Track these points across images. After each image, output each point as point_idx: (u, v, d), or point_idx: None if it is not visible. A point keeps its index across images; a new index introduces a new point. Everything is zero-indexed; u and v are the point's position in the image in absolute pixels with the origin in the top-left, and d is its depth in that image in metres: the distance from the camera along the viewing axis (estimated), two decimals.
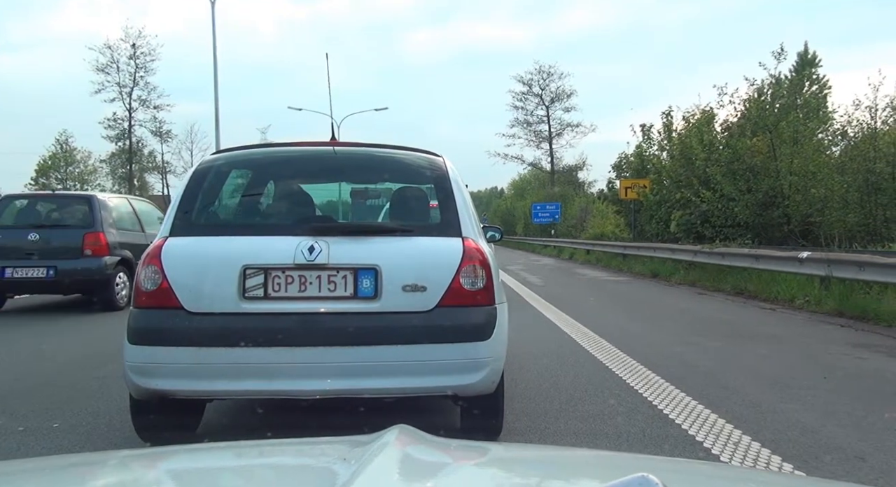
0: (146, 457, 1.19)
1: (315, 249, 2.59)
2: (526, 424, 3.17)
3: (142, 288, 2.60)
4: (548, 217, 33.22)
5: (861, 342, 5.79)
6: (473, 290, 2.64)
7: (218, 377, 2.53)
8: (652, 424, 3.21)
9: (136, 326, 2.58)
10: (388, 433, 0.97)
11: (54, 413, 3.36)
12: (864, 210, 10.45)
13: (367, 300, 2.58)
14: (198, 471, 1.05)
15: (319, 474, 0.95)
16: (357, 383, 2.55)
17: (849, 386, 4.13)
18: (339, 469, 0.85)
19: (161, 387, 2.53)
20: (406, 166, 3.19)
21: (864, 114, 11.49)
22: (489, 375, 2.64)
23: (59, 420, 3.24)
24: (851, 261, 7.60)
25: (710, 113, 16.06)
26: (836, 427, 3.20)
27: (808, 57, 33.74)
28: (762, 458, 2.72)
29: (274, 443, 1.23)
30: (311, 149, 3.17)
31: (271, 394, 2.61)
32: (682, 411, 3.39)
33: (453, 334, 2.59)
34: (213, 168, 3.01)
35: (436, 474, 0.93)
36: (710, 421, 3.21)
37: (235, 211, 3.24)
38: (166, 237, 2.70)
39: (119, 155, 40.37)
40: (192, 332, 2.53)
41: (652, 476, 0.65)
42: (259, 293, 2.56)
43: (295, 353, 2.52)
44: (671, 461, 1.71)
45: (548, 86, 42.98)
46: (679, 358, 4.90)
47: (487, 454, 1.14)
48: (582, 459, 1.23)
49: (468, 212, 2.88)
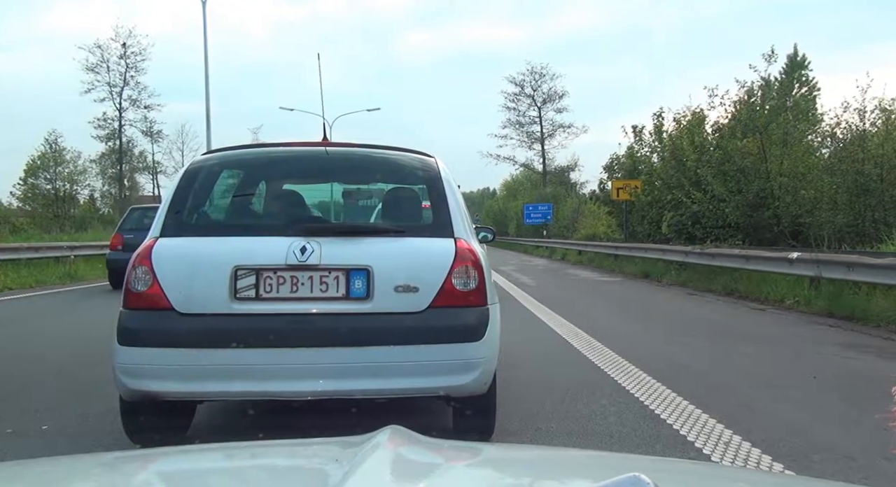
0: (137, 459, 1.19)
1: (307, 250, 2.58)
2: (518, 425, 3.17)
3: (132, 289, 2.58)
4: (540, 218, 33.26)
5: (850, 342, 5.83)
6: (465, 291, 2.64)
7: (209, 378, 2.51)
8: (643, 424, 3.22)
9: (127, 327, 2.55)
10: (380, 433, 0.97)
11: (43, 416, 3.33)
12: (854, 211, 10.53)
13: (359, 301, 2.58)
14: (189, 473, 1.05)
15: (311, 475, 0.95)
16: (349, 384, 2.54)
17: (838, 386, 4.16)
18: (331, 470, 0.85)
19: (151, 389, 2.51)
20: (398, 167, 3.19)
21: (853, 117, 11.59)
22: (481, 376, 2.64)
23: (48, 423, 3.22)
24: (840, 262, 7.65)
25: (700, 114, 16.17)
26: (825, 426, 3.22)
27: (797, 59, 33.97)
28: (753, 457, 2.73)
29: (265, 444, 1.23)
30: (303, 150, 3.16)
31: (263, 396, 2.60)
32: (673, 411, 3.40)
33: (445, 335, 2.58)
34: (204, 168, 3.00)
35: (428, 475, 0.93)
36: (700, 421, 3.22)
37: (227, 211, 3.22)
38: (157, 237, 2.68)
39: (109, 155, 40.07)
40: (182, 333, 2.51)
41: (643, 476, 0.65)
42: (251, 294, 2.55)
43: (286, 354, 2.51)
44: (662, 460, 1.72)
45: (540, 87, 42.98)
46: (670, 359, 4.92)
47: (479, 454, 1.14)
48: (574, 459, 1.23)
49: (460, 212, 2.88)
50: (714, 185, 13.18)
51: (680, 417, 3.30)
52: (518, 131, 43.74)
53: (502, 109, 43.99)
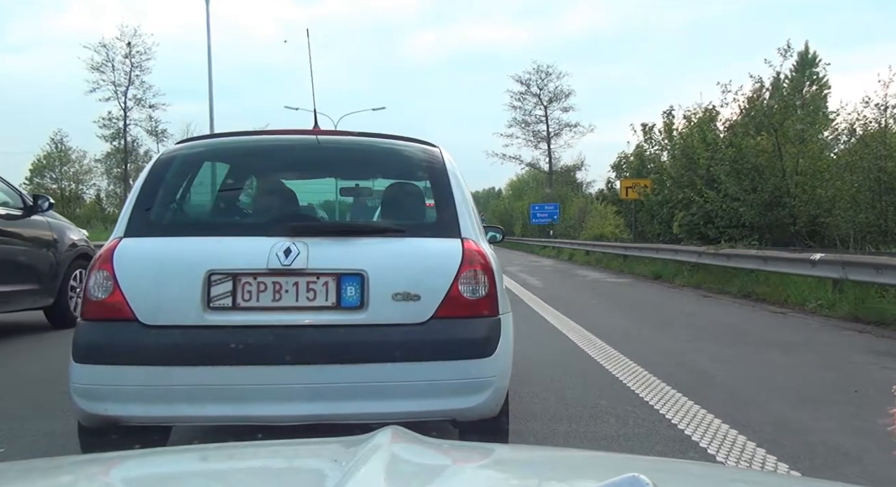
0: (137, 459, 1.12)
1: (292, 252, 2.24)
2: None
3: (91, 297, 2.24)
4: (546, 217, 32.93)
5: (885, 350, 5.45)
6: (474, 299, 2.30)
7: (177, 401, 2.18)
8: (672, 446, 2.87)
9: (84, 341, 2.22)
10: (380, 433, 0.97)
11: (2, 436, 3.00)
12: (876, 210, 10.12)
13: (351, 310, 2.24)
14: (189, 473, 1.02)
15: (310, 475, 0.94)
16: (339, 407, 2.20)
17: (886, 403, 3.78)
18: (331, 470, 0.84)
19: (111, 413, 2.18)
20: (399, 157, 2.83)
21: (874, 112, 11.17)
22: (493, 396, 2.29)
23: (5, 444, 2.88)
24: (868, 264, 7.26)
25: (712, 111, 15.78)
26: (883, 453, 2.85)
27: (808, 57, 33.50)
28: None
29: (265, 445, 1.25)
30: (291, 138, 2.81)
31: (240, 420, 2.25)
32: (705, 431, 3.05)
33: (451, 350, 2.24)
34: (176, 158, 2.64)
35: (429, 475, 0.93)
36: (738, 444, 2.87)
37: (201, 207, 2.88)
38: (120, 237, 2.34)
39: (114, 154, 40.05)
40: (147, 349, 2.18)
41: (643, 476, 0.64)
42: (226, 302, 2.21)
43: (267, 373, 2.18)
44: (662, 461, 1.71)
45: (546, 86, 42.66)
46: (692, 368, 4.56)
47: (480, 454, 1.13)
48: (574, 459, 1.21)
49: (468, 209, 2.52)
50: (727, 184, 12.78)
51: (714, 439, 2.95)
52: (524, 130, 43.48)
53: (508, 108, 43.73)
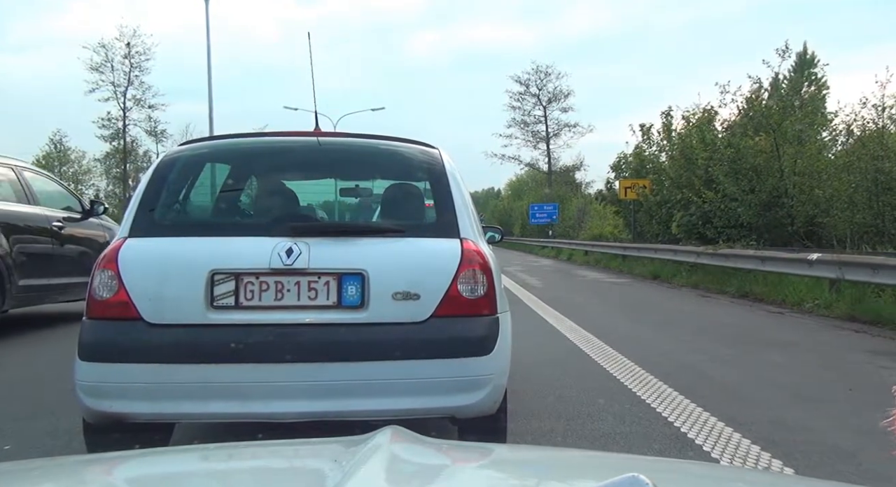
0: (137, 459, 1.12)
1: (293, 252, 2.27)
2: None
3: (95, 297, 2.28)
4: (545, 217, 32.93)
5: (880, 349, 5.49)
6: (473, 298, 2.33)
7: (182, 398, 2.21)
8: (672, 445, 2.90)
9: (89, 340, 2.26)
10: (380, 433, 0.96)
11: (6, 434, 3.02)
12: (873, 210, 10.15)
13: (352, 309, 2.27)
14: (189, 473, 1.02)
15: (310, 475, 0.94)
16: (340, 404, 2.24)
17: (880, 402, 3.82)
18: (331, 470, 0.84)
19: (116, 410, 2.21)
20: (399, 158, 2.86)
21: (871, 113, 11.20)
22: (491, 394, 2.33)
23: (11, 442, 2.91)
24: (865, 264, 7.30)
25: (711, 112, 15.80)
26: (879, 452, 2.89)
27: (806, 57, 33.52)
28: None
29: (265, 444, 1.25)
30: (292, 140, 2.84)
31: (243, 417, 2.29)
32: (701, 429, 3.08)
33: (450, 348, 2.28)
34: (179, 159, 2.67)
35: (429, 475, 0.93)
36: (733, 442, 2.90)
37: (204, 208, 2.91)
38: (125, 238, 2.37)
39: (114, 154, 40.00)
40: (152, 347, 2.21)
41: (642, 476, 0.64)
42: (229, 302, 2.25)
43: (270, 370, 2.21)
44: (662, 461, 1.71)
45: (545, 86, 42.60)
46: (692, 368, 4.60)
47: (480, 454, 1.14)
48: (573, 459, 1.21)
49: (467, 209, 2.56)
50: (726, 184, 12.81)
51: (710, 437, 2.98)
52: (523, 130, 43.43)
53: (507, 109, 43.66)
